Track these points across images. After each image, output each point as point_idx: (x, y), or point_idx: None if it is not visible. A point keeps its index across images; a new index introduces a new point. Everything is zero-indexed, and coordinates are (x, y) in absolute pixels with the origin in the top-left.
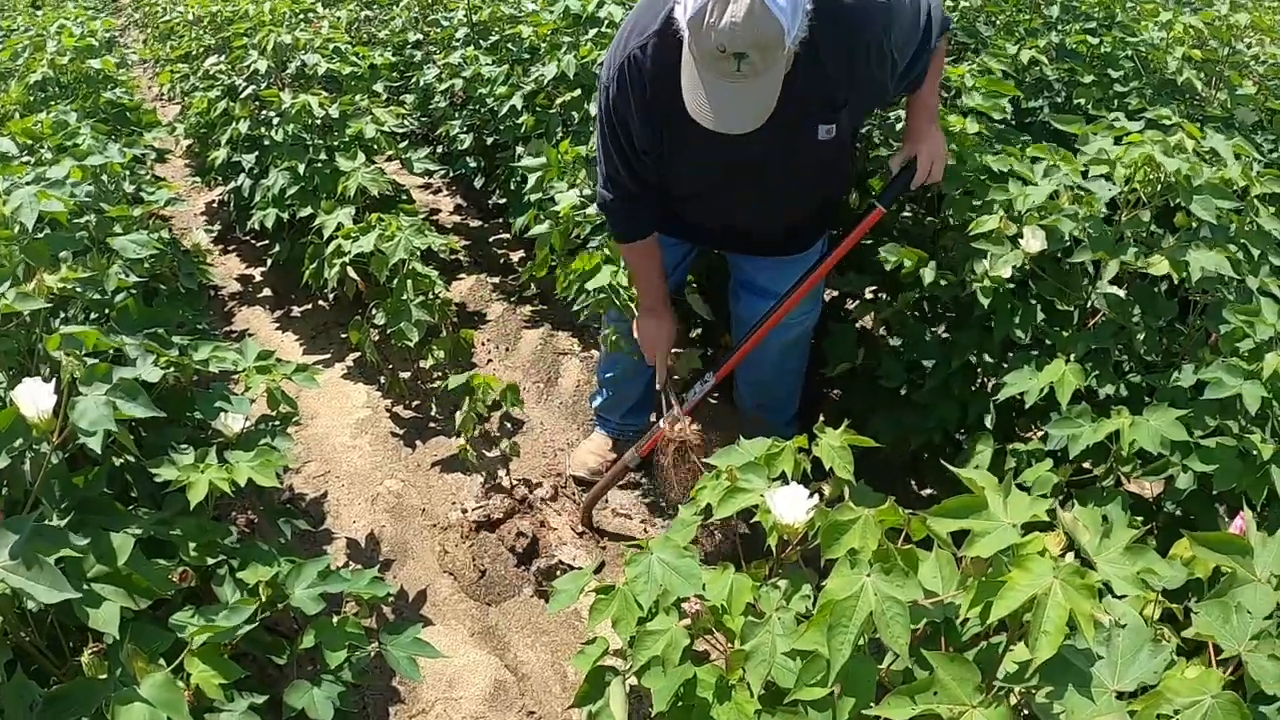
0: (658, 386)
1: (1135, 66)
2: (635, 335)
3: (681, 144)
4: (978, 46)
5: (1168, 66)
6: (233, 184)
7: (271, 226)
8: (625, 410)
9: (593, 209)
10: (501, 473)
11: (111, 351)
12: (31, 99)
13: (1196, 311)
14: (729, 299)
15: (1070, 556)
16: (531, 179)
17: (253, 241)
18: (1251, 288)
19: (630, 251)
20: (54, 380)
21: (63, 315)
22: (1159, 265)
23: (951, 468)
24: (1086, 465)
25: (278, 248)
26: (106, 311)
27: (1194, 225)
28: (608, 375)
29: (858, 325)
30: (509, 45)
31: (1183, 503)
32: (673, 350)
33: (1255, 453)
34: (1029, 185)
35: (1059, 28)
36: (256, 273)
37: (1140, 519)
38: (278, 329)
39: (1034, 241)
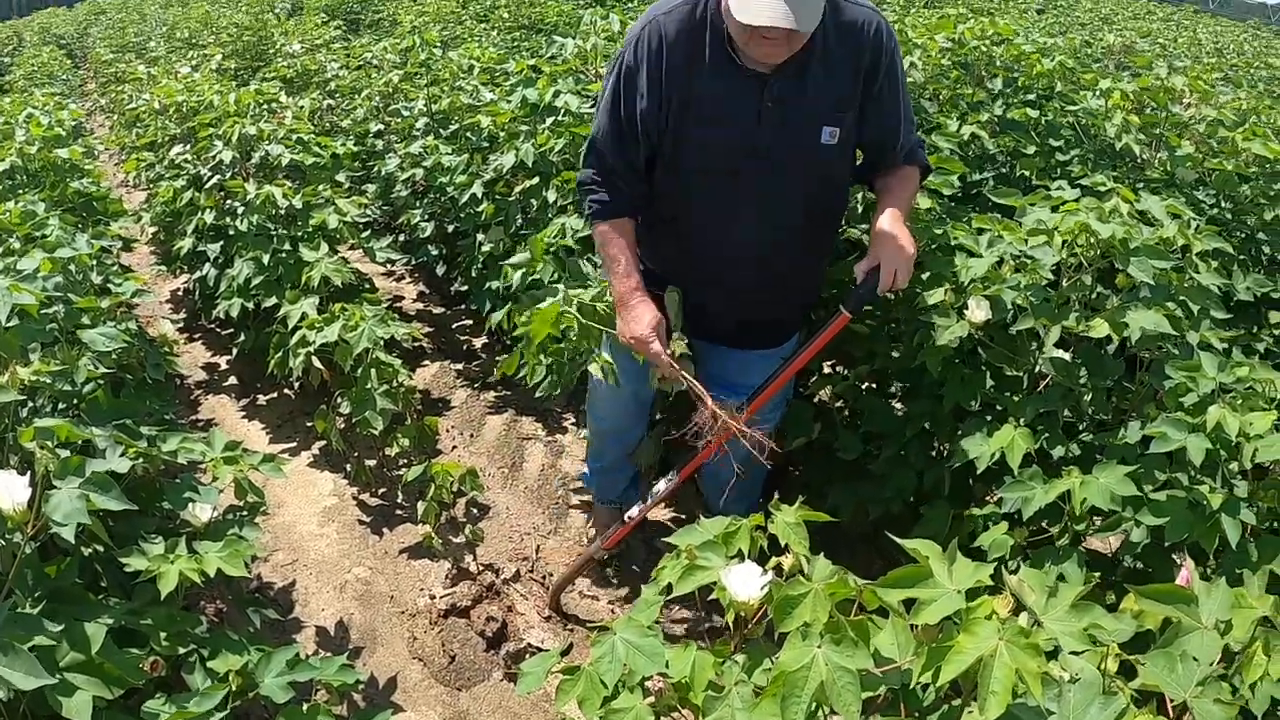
0: (659, 379)
1: (1076, 134)
2: (624, 337)
3: (686, 118)
4: (923, 124)
5: (1107, 132)
6: (198, 273)
7: (237, 316)
8: (620, 491)
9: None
10: (468, 558)
11: (81, 443)
12: (0, 187)
13: (1143, 368)
14: None
15: (1024, 617)
16: (516, 276)
17: (218, 329)
18: (1192, 343)
19: (606, 234)
20: (28, 472)
21: (30, 405)
22: (1100, 328)
23: (896, 538)
24: (1044, 525)
25: (243, 337)
26: (75, 402)
27: (1135, 285)
28: (596, 465)
29: (814, 399)
30: (468, 134)
31: (1139, 556)
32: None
33: (1204, 503)
34: (974, 257)
35: (1002, 100)
36: (222, 361)
37: (1098, 574)
38: (244, 417)
39: (979, 312)
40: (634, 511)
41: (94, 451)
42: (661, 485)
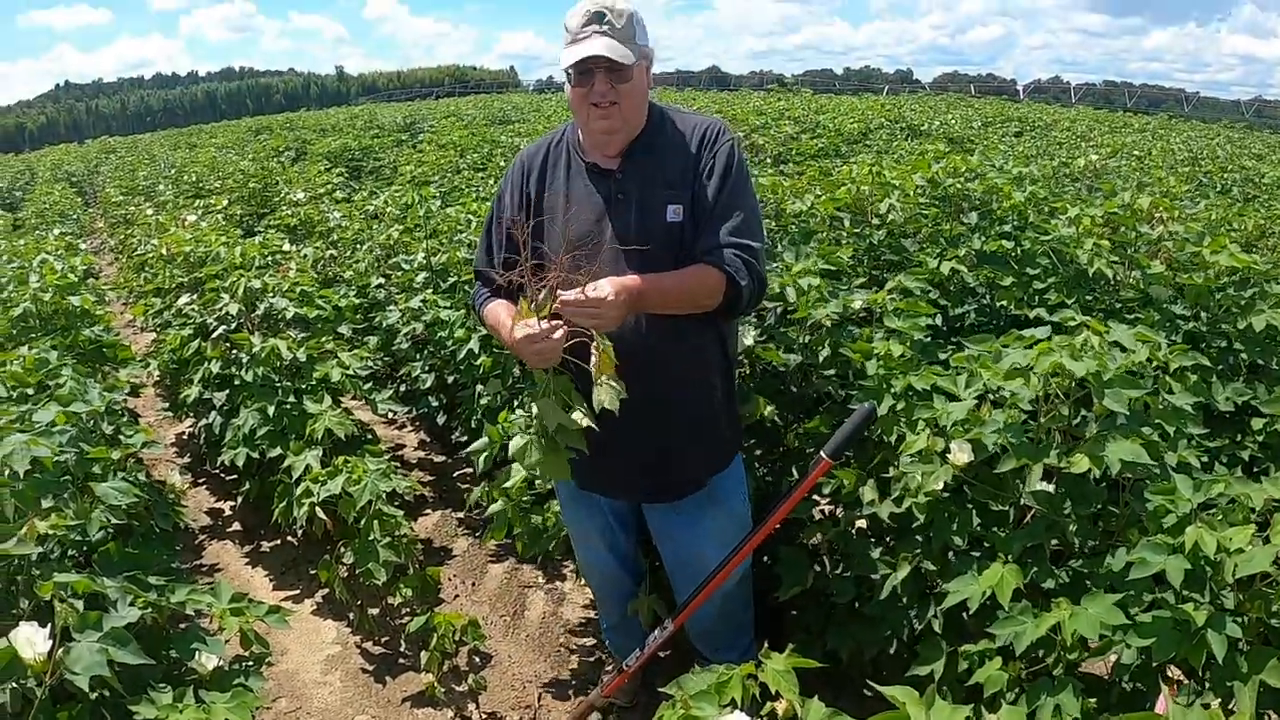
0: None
1: (1052, 262)
2: (528, 356)
3: (545, 210)
4: (904, 264)
5: (1080, 259)
6: (204, 420)
7: (242, 465)
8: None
9: (540, 483)
10: (471, 707)
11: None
12: (15, 331)
13: (1125, 490)
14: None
15: None
16: (480, 461)
17: (223, 475)
18: (1170, 464)
19: (489, 313)
20: (48, 624)
21: (40, 550)
22: (1080, 463)
23: (876, 685)
24: (1039, 655)
25: (248, 485)
26: (87, 551)
27: (1109, 413)
28: (605, 625)
29: (806, 545)
30: (467, 288)
31: (1132, 677)
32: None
33: (1189, 621)
34: (953, 400)
35: (980, 233)
36: (226, 507)
37: (1095, 701)
38: (247, 564)
39: (961, 454)
40: (630, 660)
41: (105, 601)
42: (655, 634)
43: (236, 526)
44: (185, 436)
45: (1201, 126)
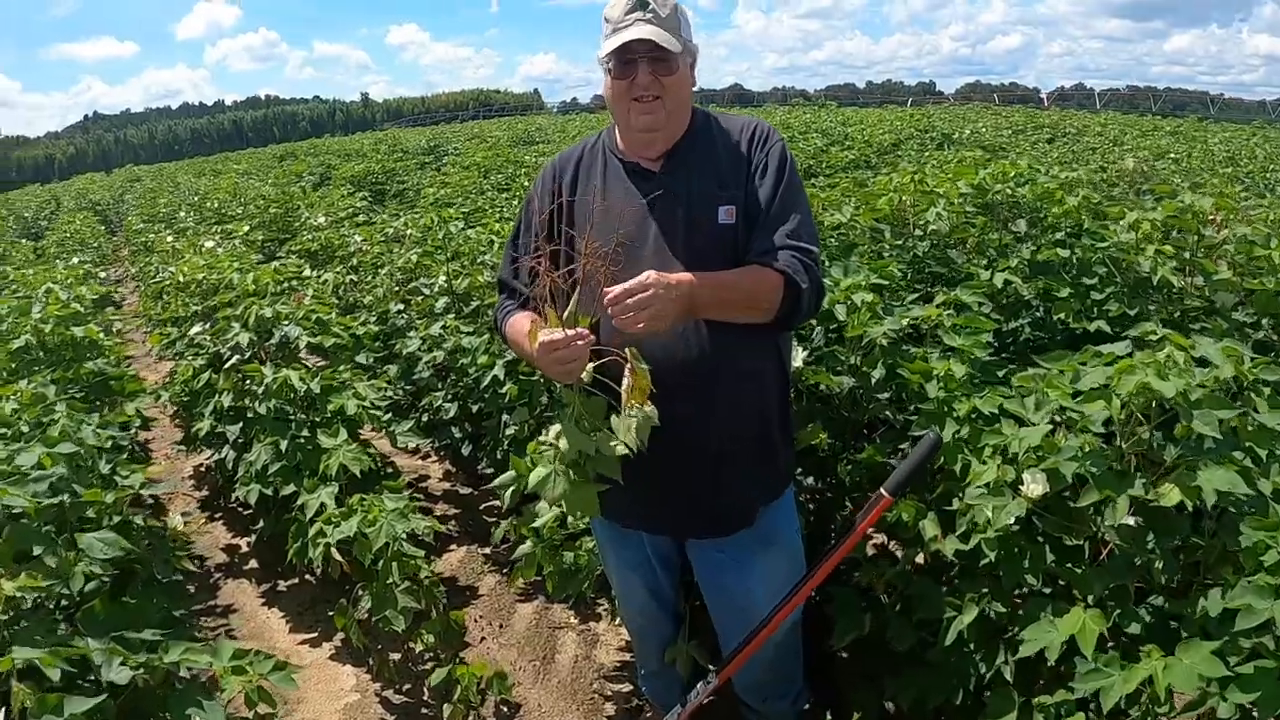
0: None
1: (1109, 271)
2: (549, 368)
3: (575, 212)
4: (952, 276)
5: (1141, 266)
6: (217, 455)
7: (255, 502)
8: (676, 695)
9: (572, 519)
10: None
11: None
12: (14, 365)
13: (1210, 519)
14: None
15: None
16: (507, 495)
17: (239, 510)
18: (1264, 491)
19: (512, 327)
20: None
21: (18, 608)
22: (1170, 495)
23: None
24: (1122, 707)
25: (262, 523)
26: (79, 603)
27: (1195, 436)
28: (643, 671)
29: (862, 585)
30: (490, 312)
31: None
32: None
33: None
34: (1024, 426)
35: (1029, 242)
36: (243, 543)
37: None
38: (264, 604)
39: (1036, 486)
40: (672, 716)
41: (89, 665)
42: (699, 689)
43: (253, 564)
44: (203, 469)
45: (1233, 127)
